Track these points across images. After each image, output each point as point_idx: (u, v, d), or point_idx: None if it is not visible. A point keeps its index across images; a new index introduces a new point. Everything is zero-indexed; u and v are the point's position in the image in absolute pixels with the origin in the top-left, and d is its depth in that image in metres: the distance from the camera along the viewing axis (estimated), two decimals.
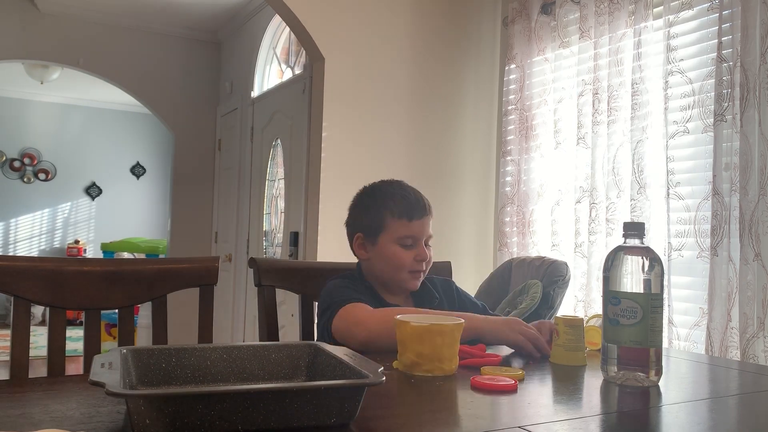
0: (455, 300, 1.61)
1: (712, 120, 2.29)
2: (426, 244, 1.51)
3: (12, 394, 0.93)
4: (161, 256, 6.48)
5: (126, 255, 7.02)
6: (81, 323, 1.38)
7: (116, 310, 1.41)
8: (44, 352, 1.31)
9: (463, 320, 1.13)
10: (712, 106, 2.29)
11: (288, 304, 3.37)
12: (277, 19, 4.27)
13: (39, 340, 4.59)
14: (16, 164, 7.62)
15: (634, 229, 1.08)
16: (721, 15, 2.26)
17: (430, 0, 3.40)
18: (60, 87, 7.10)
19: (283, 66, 4.42)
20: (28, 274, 1.30)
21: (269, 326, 1.57)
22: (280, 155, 4.10)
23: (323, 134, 3.15)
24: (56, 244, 7.87)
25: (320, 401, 0.74)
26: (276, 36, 4.49)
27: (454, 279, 1.80)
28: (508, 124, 3.26)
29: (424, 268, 1.51)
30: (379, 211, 1.50)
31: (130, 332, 1.41)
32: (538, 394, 1.03)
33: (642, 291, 1.05)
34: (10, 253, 7.54)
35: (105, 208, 8.07)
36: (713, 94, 2.28)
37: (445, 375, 1.08)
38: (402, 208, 1.47)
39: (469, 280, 3.29)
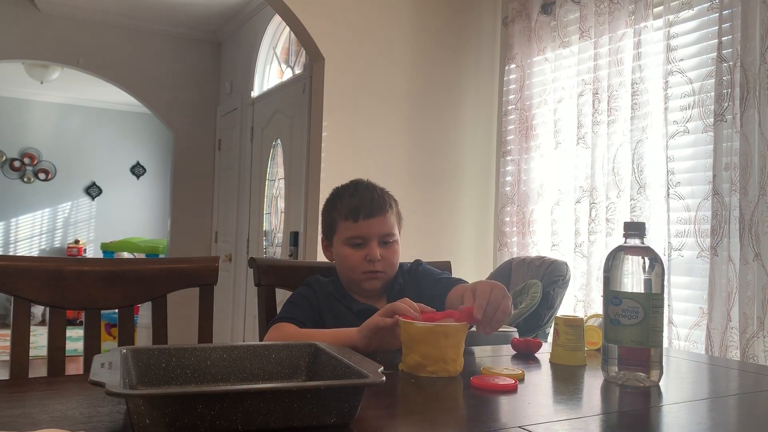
0: (420, 280, 1.55)
1: (712, 120, 2.29)
2: (385, 243, 1.46)
3: (12, 394, 0.93)
4: (161, 256, 6.48)
5: (126, 255, 7.02)
6: (81, 323, 1.38)
7: (116, 310, 1.41)
8: (44, 352, 1.31)
9: (466, 323, 1.13)
10: (712, 106, 2.29)
11: None
12: (277, 19, 4.27)
13: (39, 340, 4.60)
14: (16, 164, 7.62)
15: (635, 229, 1.08)
16: (721, 15, 2.26)
17: (430, 0, 3.40)
18: (60, 87, 7.10)
19: (283, 66, 4.42)
20: (28, 274, 1.30)
21: (269, 326, 1.56)
22: (280, 155, 4.10)
23: (323, 134, 3.15)
24: (56, 244, 7.87)
25: (320, 401, 0.74)
26: (276, 36, 4.49)
27: None
28: (508, 124, 3.26)
29: (379, 268, 1.44)
30: (331, 214, 1.51)
31: (130, 332, 1.41)
32: (538, 394, 1.03)
33: (643, 291, 1.05)
34: (10, 253, 7.54)
35: (105, 208, 8.07)
36: (713, 94, 2.28)
37: (449, 376, 1.07)
38: (348, 209, 1.46)
39: (469, 280, 3.28)
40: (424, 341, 1.07)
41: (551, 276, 2.60)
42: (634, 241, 1.08)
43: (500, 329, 2.23)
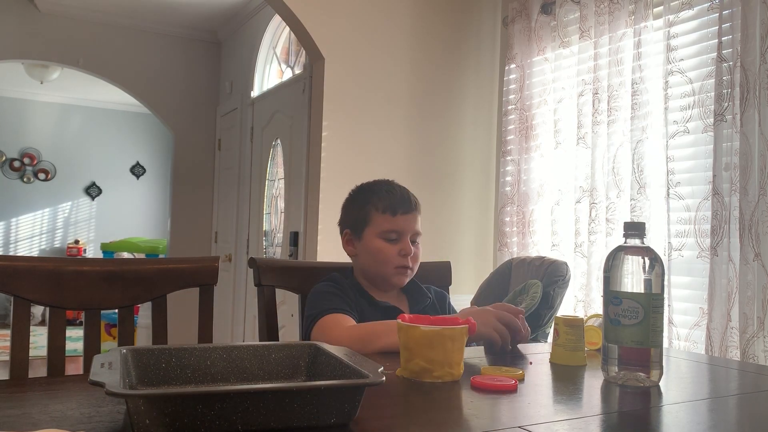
0: (445, 312, 1.60)
1: (712, 120, 2.29)
2: (413, 241, 1.51)
3: (12, 394, 0.93)
4: (161, 256, 6.48)
5: (126, 255, 7.02)
6: (81, 323, 1.38)
7: (116, 310, 1.41)
8: (44, 352, 1.31)
9: (467, 325, 1.12)
10: (712, 106, 2.29)
11: (288, 304, 3.37)
12: (277, 19, 4.27)
13: (39, 340, 4.60)
14: (16, 164, 7.62)
15: (635, 229, 1.08)
16: (721, 15, 2.26)
17: (430, 0, 3.40)
18: (60, 87, 7.10)
19: (283, 66, 4.42)
20: (28, 274, 1.30)
21: (269, 326, 1.56)
22: (280, 155, 4.10)
23: (323, 134, 3.15)
24: (56, 244, 7.87)
25: (320, 401, 0.74)
26: (276, 36, 4.49)
27: (453, 279, 1.80)
28: (508, 124, 3.26)
29: (410, 264, 1.49)
30: (365, 207, 1.53)
31: (130, 332, 1.41)
32: (538, 394, 1.03)
33: (643, 291, 1.05)
34: (10, 253, 7.54)
35: (105, 208, 8.07)
36: (713, 94, 2.28)
37: (453, 380, 1.05)
38: (386, 203, 1.50)
39: (469, 280, 3.29)
40: (430, 346, 1.04)
41: (551, 276, 2.60)
42: (634, 241, 1.08)
43: None
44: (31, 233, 7.76)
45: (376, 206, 1.51)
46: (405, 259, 1.48)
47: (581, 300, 2.79)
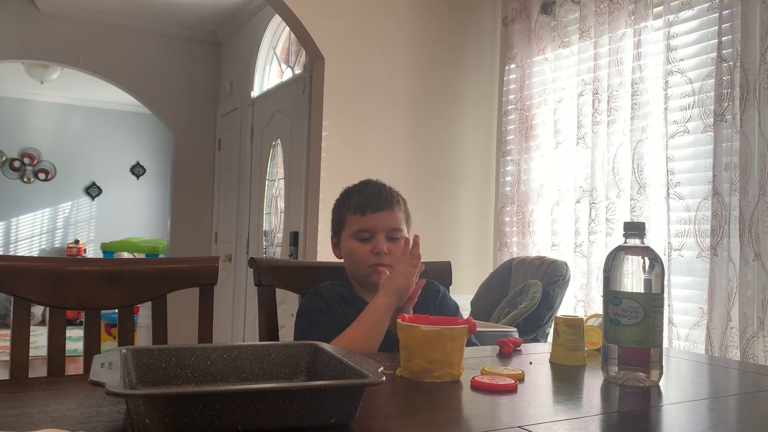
0: (435, 301, 1.57)
1: (712, 120, 2.29)
2: (392, 238, 1.49)
3: (12, 394, 0.93)
4: (161, 256, 6.48)
5: (126, 255, 7.02)
6: (81, 323, 1.38)
7: (116, 310, 1.41)
8: (44, 352, 1.31)
9: (466, 324, 1.12)
10: (712, 106, 2.29)
11: (288, 304, 3.37)
12: (277, 19, 4.27)
13: (39, 340, 4.60)
14: (16, 164, 7.61)
15: (635, 229, 1.08)
16: (721, 15, 2.26)
17: (430, 0, 3.40)
18: (60, 87, 7.10)
19: (283, 66, 4.42)
20: (28, 274, 1.30)
21: (269, 326, 1.57)
22: (280, 155, 4.10)
23: (323, 134, 3.15)
24: (56, 244, 7.87)
25: (320, 401, 0.74)
26: (276, 36, 4.49)
27: (453, 279, 1.80)
28: (508, 124, 3.26)
29: (386, 262, 1.47)
30: (341, 210, 1.55)
31: (130, 332, 1.41)
32: (538, 394, 1.03)
33: (643, 291, 1.05)
34: (11, 253, 7.54)
35: (105, 208, 8.07)
36: (713, 94, 2.28)
37: (453, 380, 1.05)
38: (356, 203, 1.50)
39: (469, 280, 3.29)
40: (430, 346, 1.04)
41: (551, 276, 2.60)
42: (634, 241, 1.08)
43: (500, 329, 2.23)
44: (31, 233, 7.76)
45: (348, 207, 1.52)
46: (379, 257, 1.46)
47: (581, 300, 2.79)
